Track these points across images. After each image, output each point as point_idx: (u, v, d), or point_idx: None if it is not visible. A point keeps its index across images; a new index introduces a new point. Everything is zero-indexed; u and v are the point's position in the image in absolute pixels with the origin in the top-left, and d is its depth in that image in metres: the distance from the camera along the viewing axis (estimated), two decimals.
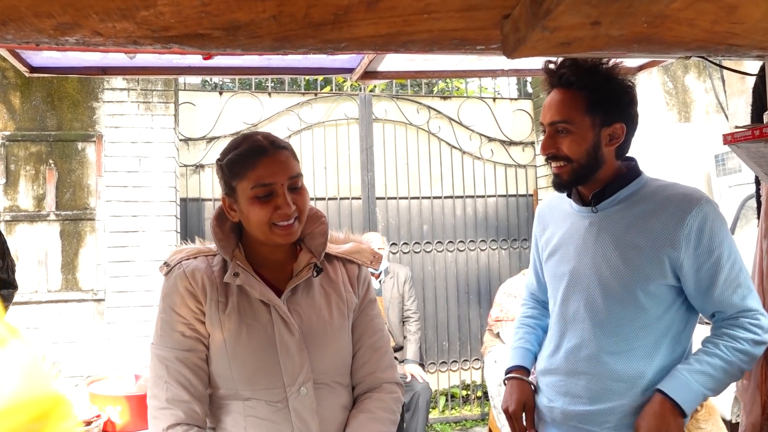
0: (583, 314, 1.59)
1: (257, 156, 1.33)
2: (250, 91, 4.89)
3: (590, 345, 1.58)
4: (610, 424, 1.57)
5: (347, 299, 1.48)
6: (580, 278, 1.61)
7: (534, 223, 1.89)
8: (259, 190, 1.32)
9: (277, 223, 1.34)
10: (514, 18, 0.72)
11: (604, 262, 1.57)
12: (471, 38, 0.79)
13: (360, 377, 1.49)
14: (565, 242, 1.67)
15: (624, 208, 1.59)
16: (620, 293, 1.54)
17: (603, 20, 0.64)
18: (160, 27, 0.75)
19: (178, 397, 1.34)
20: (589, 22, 0.64)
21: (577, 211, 1.66)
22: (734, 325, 1.53)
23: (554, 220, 1.76)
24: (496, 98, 5.50)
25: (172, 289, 1.40)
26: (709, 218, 1.50)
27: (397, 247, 5.05)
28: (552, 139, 1.58)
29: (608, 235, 1.58)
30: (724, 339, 1.52)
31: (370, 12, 0.73)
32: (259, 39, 0.78)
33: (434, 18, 0.74)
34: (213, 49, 0.81)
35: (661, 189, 1.58)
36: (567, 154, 1.56)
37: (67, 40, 0.78)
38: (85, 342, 4.00)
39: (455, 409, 5.14)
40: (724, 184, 4.47)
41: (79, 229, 4.08)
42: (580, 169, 1.56)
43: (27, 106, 4.08)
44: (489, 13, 0.75)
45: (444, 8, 0.70)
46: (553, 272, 1.71)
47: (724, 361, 1.50)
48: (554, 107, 1.57)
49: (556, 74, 1.58)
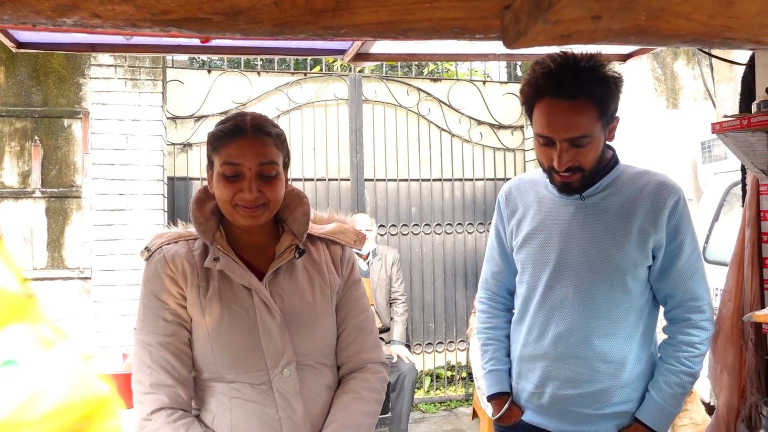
0: (572, 299, 1.62)
1: (234, 135, 1.35)
2: (239, 70, 4.85)
3: (580, 329, 1.62)
4: (599, 404, 1.63)
5: (330, 280, 1.49)
6: (567, 264, 1.63)
7: (499, 205, 1.84)
8: (227, 168, 1.34)
9: (240, 205, 1.35)
10: (515, 9, 0.72)
11: (593, 248, 1.61)
12: (471, 27, 0.80)
13: (345, 357, 1.50)
14: (546, 228, 1.68)
15: (608, 195, 1.63)
16: (611, 278, 1.60)
17: (604, 14, 0.65)
18: (160, 11, 0.75)
19: (162, 381, 1.35)
20: (590, 16, 0.64)
21: (559, 197, 1.67)
22: (687, 326, 1.63)
23: (527, 204, 1.75)
24: (486, 81, 5.50)
25: (152, 274, 1.40)
26: (680, 204, 1.61)
27: (385, 228, 5.06)
28: (570, 153, 1.52)
29: (596, 221, 1.62)
30: (683, 350, 1.62)
31: (372, 0, 0.74)
32: (259, 24, 0.78)
33: (435, 7, 0.75)
34: (212, 33, 0.81)
35: (638, 176, 1.65)
36: (581, 164, 1.55)
37: (64, 21, 0.77)
38: (71, 320, 3.99)
39: (440, 389, 5.21)
40: (710, 171, 4.52)
41: (65, 207, 4.04)
42: (591, 174, 1.58)
43: (12, 81, 4.01)
44: (490, 3, 0.76)
45: None
46: (534, 259, 1.70)
47: (689, 375, 1.62)
48: (568, 122, 1.49)
49: (557, 85, 1.49)
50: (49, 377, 0.64)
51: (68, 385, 0.64)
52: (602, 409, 1.63)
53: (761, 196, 1.98)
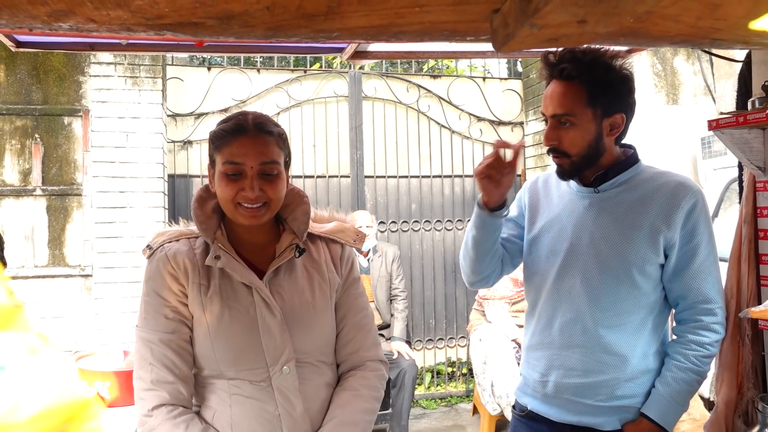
0: (579, 289, 1.64)
1: (236, 134, 1.36)
2: (239, 67, 4.85)
3: (585, 319, 1.64)
4: (602, 396, 1.64)
5: (330, 279, 1.50)
6: (577, 255, 1.66)
7: (523, 191, 1.88)
8: (228, 167, 1.35)
9: (242, 203, 1.36)
10: (504, 13, 0.73)
11: (603, 240, 1.63)
12: (462, 30, 0.81)
13: (344, 355, 1.51)
14: (561, 220, 1.71)
15: (624, 191, 1.65)
16: (617, 271, 1.61)
17: (589, 19, 0.65)
18: (155, 15, 0.76)
19: (163, 378, 1.36)
20: (575, 20, 0.65)
21: (577, 191, 1.70)
22: (698, 327, 1.64)
23: (548, 197, 1.79)
24: (486, 78, 5.49)
25: (154, 272, 1.41)
26: (699, 205, 1.61)
27: (386, 225, 5.07)
28: (555, 131, 1.60)
29: (608, 215, 1.64)
30: (693, 348, 1.62)
31: (363, 4, 0.74)
32: (252, 28, 0.79)
33: (426, 11, 0.75)
34: (206, 36, 0.82)
35: (658, 175, 1.67)
36: (567, 149, 1.60)
37: (60, 26, 0.78)
38: (72, 317, 4.01)
39: (441, 385, 5.23)
40: (710, 167, 4.53)
41: (66, 205, 4.06)
42: (579, 161, 1.62)
43: (12, 80, 4.02)
44: (480, 7, 0.77)
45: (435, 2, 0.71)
46: (547, 249, 1.73)
47: (697, 373, 1.62)
48: (556, 100, 1.59)
49: (556, 67, 1.59)
50: (35, 382, 0.66)
51: (52, 389, 0.67)
52: (605, 401, 1.63)
53: (758, 193, 1.99)
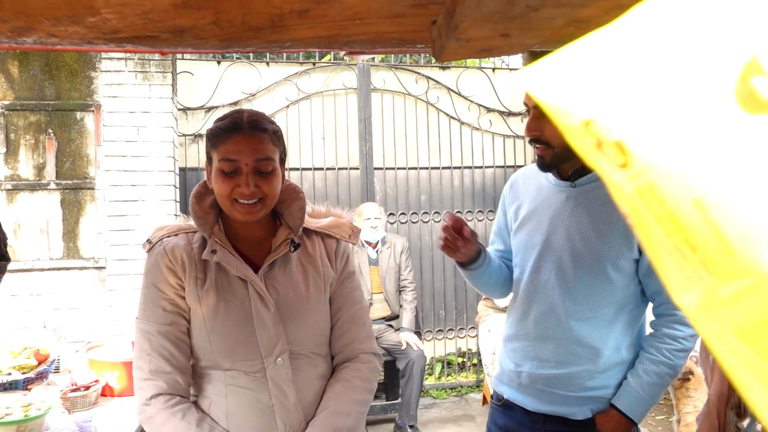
0: (554, 282, 1.67)
1: (231, 131, 1.38)
2: (249, 61, 4.90)
3: (559, 311, 1.67)
4: (574, 387, 1.67)
5: (324, 273, 1.53)
6: (552, 248, 1.68)
7: (505, 190, 1.92)
8: (224, 164, 1.38)
9: (238, 199, 1.39)
10: (438, 26, 0.75)
11: (577, 234, 1.65)
12: (408, 39, 0.83)
13: (338, 348, 1.55)
14: (539, 213, 1.74)
15: (600, 186, 1.65)
16: (590, 265, 1.63)
17: (512, 33, 0.67)
18: (110, 30, 0.79)
19: (161, 368, 1.41)
20: (498, 34, 0.67)
21: (555, 185, 1.72)
22: (672, 322, 1.65)
23: (527, 191, 1.81)
24: (496, 68, 5.47)
25: (153, 265, 1.46)
26: None
27: (395, 217, 5.10)
28: (537, 122, 1.61)
29: (584, 209, 1.65)
30: (666, 342, 1.65)
31: (304, 19, 0.77)
32: (206, 40, 0.82)
33: (366, 23, 0.78)
34: (165, 48, 0.85)
35: None
36: (549, 140, 1.60)
37: (25, 41, 0.82)
38: (86, 309, 4.11)
39: (451, 375, 5.26)
40: None
41: (80, 198, 4.15)
42: (561, 152, 1.62)
43: (25, 76, 4.12)
44: (418, 19, 0.79)
45: (372, 15, 0.73)
46: (525, 242, 1.76)
47: (669, 367, 1.64)
48: None
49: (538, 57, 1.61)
50: None
51: None
52: (577, 392, 1.67)
53: None
